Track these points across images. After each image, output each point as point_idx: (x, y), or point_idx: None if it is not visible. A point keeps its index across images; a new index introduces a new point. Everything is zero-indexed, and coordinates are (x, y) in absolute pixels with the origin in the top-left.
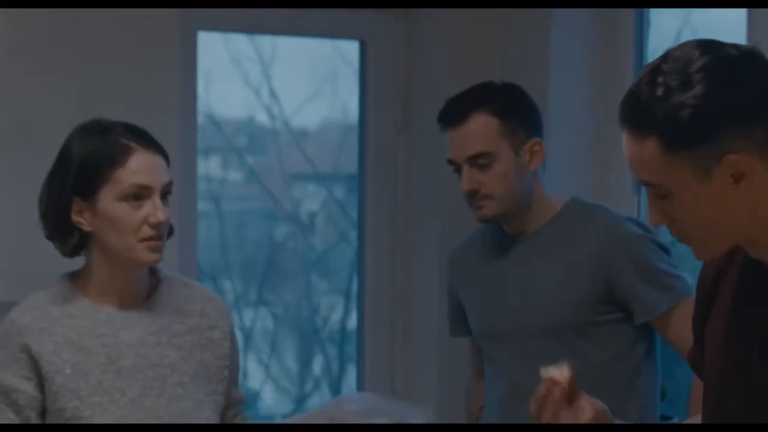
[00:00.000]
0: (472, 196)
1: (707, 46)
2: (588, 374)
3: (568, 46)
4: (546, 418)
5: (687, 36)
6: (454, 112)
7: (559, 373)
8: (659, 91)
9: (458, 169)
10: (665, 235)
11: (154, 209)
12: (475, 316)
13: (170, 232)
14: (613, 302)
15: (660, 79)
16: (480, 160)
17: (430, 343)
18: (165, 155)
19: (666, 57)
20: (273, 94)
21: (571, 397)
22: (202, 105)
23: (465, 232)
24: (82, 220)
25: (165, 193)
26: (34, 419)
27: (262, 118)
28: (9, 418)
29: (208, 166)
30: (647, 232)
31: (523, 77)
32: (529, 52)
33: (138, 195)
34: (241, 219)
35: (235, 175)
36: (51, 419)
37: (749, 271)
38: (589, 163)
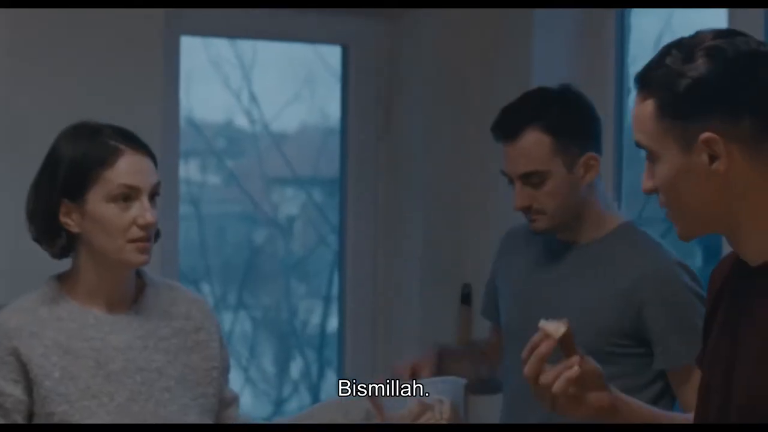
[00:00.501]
0: (525, 211)
1: (725, 32)
2: None
3: (549, 49)
4: (528, 370)
5: (668, 39)
6: (507, 127)
7: (554, 328)
8: (668, 60)
9: (511, 182)
10: None
11: (142, 210)
12: (503, 306)
13: (157, 234)
14: (637, 337)
15: (674, 51)
16: (533, 179)
17: (410, 347)
18: (153, 157)
19: (692, 35)
20: (253, 98)
21: (567, 354)
22: (182, 108)
23: (447, 236)
24: (70, 221)
25: (153, 195)
26: (19, 422)
27: (242, 121)
28: None
29: (188, 169)
30: (695, 283)
31: (505, 81)
32: (510, 56)
33: (126, 196)
34: (221, 222)
35: (214, 179)
36: (38, 422)
37: (738, 270)
38: None
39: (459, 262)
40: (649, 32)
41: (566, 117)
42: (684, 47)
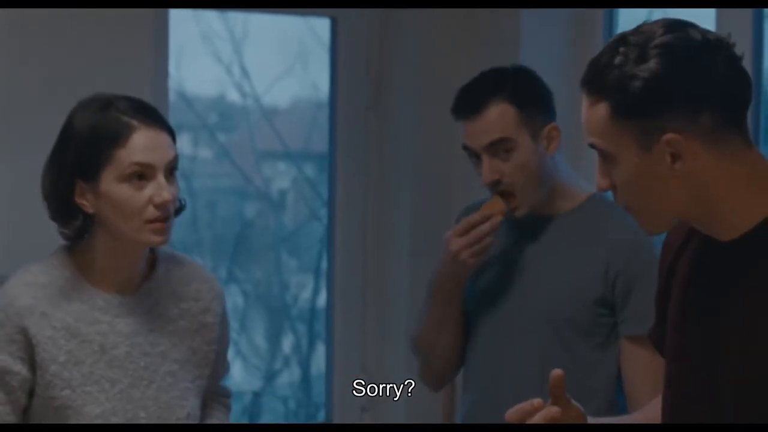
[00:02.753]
0: (495, 186)
1: (673, 25)
2: (575, 369)
3: (538, 24)
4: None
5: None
6: (469, 103)
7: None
8: (617, 60)
9: (475, 158)
10: None
11: (158, 189)
12: (472, 284)
13: (182, 207)
14: (610, 305)
15: (622, 49)
16: (500, 148)
17: (400, 321)
18: (170, 130)
19: (635, 30)
20: (244, 72)
21: (554, 401)
22: (173, 82)
23: (436, 210)
24: (85, 202)
25: (171, 170)
26: (24, 401)
27: (233, 95)
28: None
29: (179, 144)
30: None
31: (495, 54)
32: (501, 29)
33: (141, 175)
34: (212, 196)
35: (205, 153)
36: (38, 403)
37: (702, 245)
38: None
39: None
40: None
41: (527, 89)
42: (633, 46)
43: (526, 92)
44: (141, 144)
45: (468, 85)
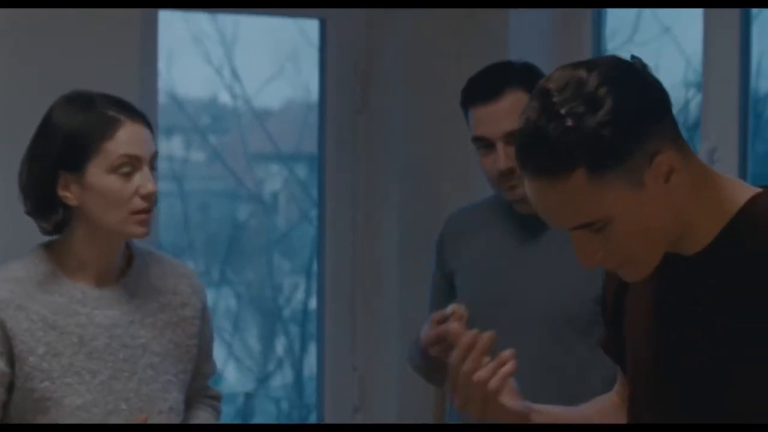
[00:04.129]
0: (508, 174)
1: (585, 65)
2: (574, 368)
3: (526, 24)
4: (468, 366)
5: (646, 21)
6: (487, 88)
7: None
8: (569, 122)
9: (486, 146)
10: None
11: (144, 180)
12: (470, 289)
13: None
14: None
15: (562, 111)
16: (515, 135)
17: (390, 322)
18: (150, 126)
19: (546, 92)
20: (235, 74)
21: None
22: (164, 84)
23: (426, 211)
24: (69, 194)
25: (151, 164)
26: (2, 394)
27: (225, 97)
28: None
29: (171, 146)
30: None
31: (483, 55)
32: (489, 30)
33: (128, 166)
34: (204, 198)
35: (197, 155)
36: (18, 396)
37: (666, 261)
38: None
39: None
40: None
41: (537, 81)
42: (570, 101)
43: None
44: (128, 137)
45: (480, 74)
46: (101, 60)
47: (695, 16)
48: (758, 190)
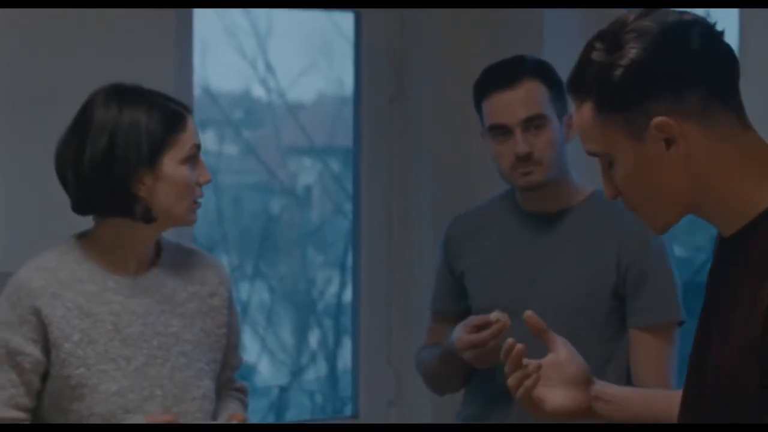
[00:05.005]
0: (525, 160)
1: (646, 11)
2: (587, 363)
3: (561, 19)
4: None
5: None
6: (505, 76)
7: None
8: (594, 55)
9: (503, 134)
10: None
11: (202, 169)
12: (481, 290)
13: None
14: (621, 298)
15: (597, 44)
16: (534, 124)
17: (425, 316)
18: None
19: (612, 22)
20: (269, 67)
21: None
22: (198, 78)
23: (460, 203)
24: (143, 186)
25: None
26: (36, 383)
27: (258, 91)
28: (11, 379)
29: (205, 140)
30: (668, 245)
31: (517, 46)
32: (523, 21)
33: (195, 156)
34: (237, 192)
35: (231, 149)
36: (53, 384)
37: (717, 241)
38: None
39: None
40: None
41: (553, 76)
42: (607, 37)
43: (553, 77)
44: (192, 128)
45: (495, 65)
46: (137, 54)
47: (731, 15)
48: None
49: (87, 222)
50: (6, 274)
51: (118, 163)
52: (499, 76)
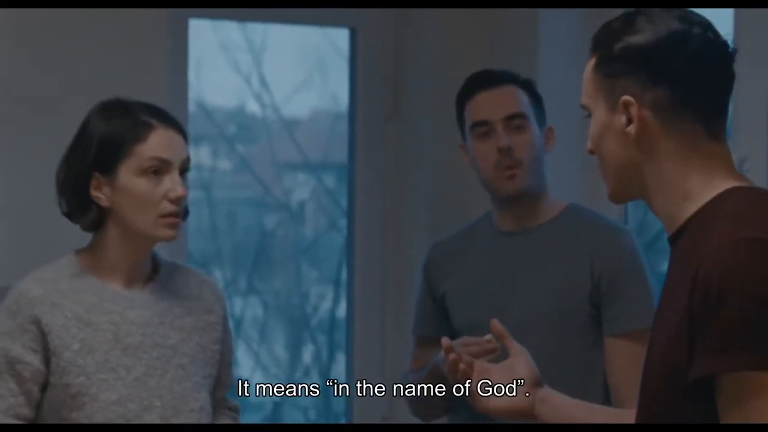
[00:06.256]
0: (507, 155)
1: (685, 16)
2: (568, 371)
3: (556, 33)
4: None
5: None
6: (489, 80)
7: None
8: (615, 24)
9: (485, 133)
10: None
11: (173, 184)
12: (466, 312)
13: (185, 212)
14: (598, 306)
15: (629, 19)
16: (516, 121)
17: None
18: (184, 134)
19: (656, 9)
20: (263, 83)
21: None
22: (193, 93)
23: (454, 220)
24: (101, 195)
25: (183, 170)
26: (36, 392)
27: (253, 106)
28: (10, 388)
29: (199, 155)
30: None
31: (513, 63)
32: (518, 38)
33: (157, 169)
34: (232, 207)
35: (225, 164)
36: (53, 394)
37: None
38: (575, 157)
39: None
40: None
41: (535, 89)
42: (632, 14)
43: (534, 91)
44: (159, 141)
45: (482, 70)
46: (132, 69)
47: (726, 17)
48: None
49: (85, 238)
50: (6, 288)
51: (74, 165)
52: (484, 80)
